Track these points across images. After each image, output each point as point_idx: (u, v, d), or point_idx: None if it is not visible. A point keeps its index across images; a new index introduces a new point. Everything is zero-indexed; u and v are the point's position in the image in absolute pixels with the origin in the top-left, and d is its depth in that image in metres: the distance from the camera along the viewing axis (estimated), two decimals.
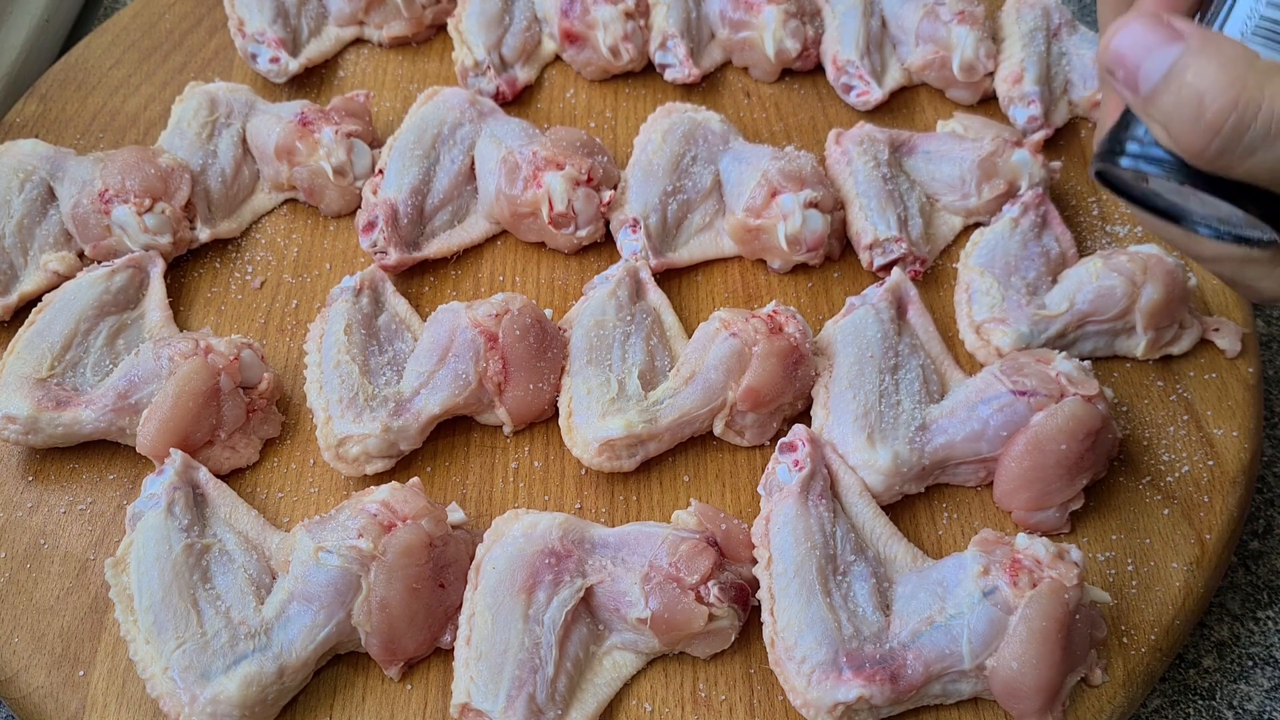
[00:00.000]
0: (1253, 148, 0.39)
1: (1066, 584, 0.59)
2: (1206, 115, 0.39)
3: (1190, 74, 0.40)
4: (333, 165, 0.82)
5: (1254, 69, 0.39)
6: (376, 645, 0.61)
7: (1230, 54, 0.39)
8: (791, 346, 0.70)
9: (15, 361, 0.71)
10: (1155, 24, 0.41)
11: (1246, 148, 0.39)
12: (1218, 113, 0.39)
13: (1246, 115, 0.38)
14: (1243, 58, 0.39)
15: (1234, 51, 0.40)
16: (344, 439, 0.68)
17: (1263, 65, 0.39)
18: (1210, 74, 0.39)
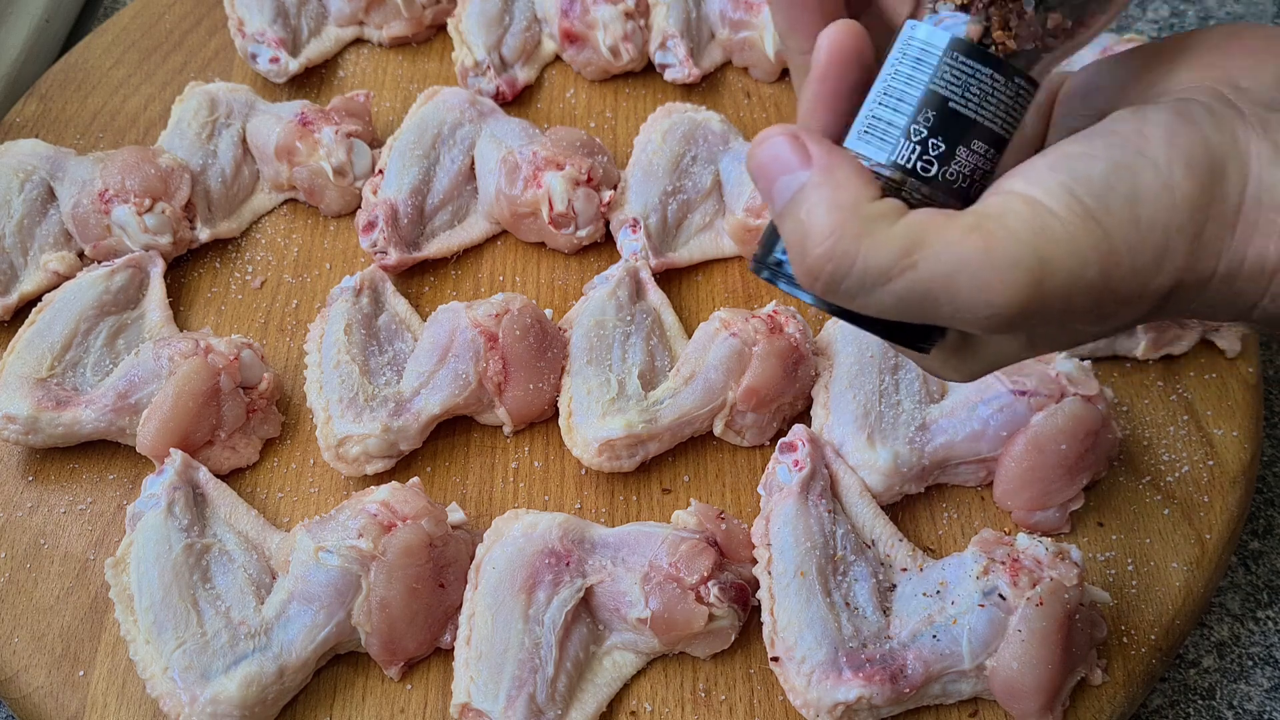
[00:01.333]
0: (851, 295, 0.38)
1: (1066, 584, 0.59)
2: (807, 260, 0.39)
3: (803, 210, 0.39)
4: (333, 165, 0.82)
5: (858, 217, 0.38)
6: (376, 645, 0.61)
7: (841, 197, 0.38)
8: (791, 346, 0.70)
9: (15, 361, 0.71)
10: (792, 143, 0.40)
11: (846, 294, 0.39)
12: (815, 259, 0.38)
13: (842, 267, 0.38)
14: (850, 204, 0.38)
15: (845, 195, 0.38)
16: (344, 439, 0.68)
17: (869, 213, 0.38)
18: (818, 216, 0.38)
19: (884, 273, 0.37)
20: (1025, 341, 0.44)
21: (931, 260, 0.37)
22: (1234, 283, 0.39)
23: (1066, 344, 0.45)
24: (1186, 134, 0.38)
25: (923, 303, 0.38)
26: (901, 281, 0.37)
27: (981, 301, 0.37)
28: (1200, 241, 0.38)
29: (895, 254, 0.37)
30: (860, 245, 0.37)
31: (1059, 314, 0.38)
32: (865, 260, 0.37)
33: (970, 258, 0.37)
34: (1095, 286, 0.37)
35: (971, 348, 0.45)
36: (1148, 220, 0.37)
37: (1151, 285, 0.38)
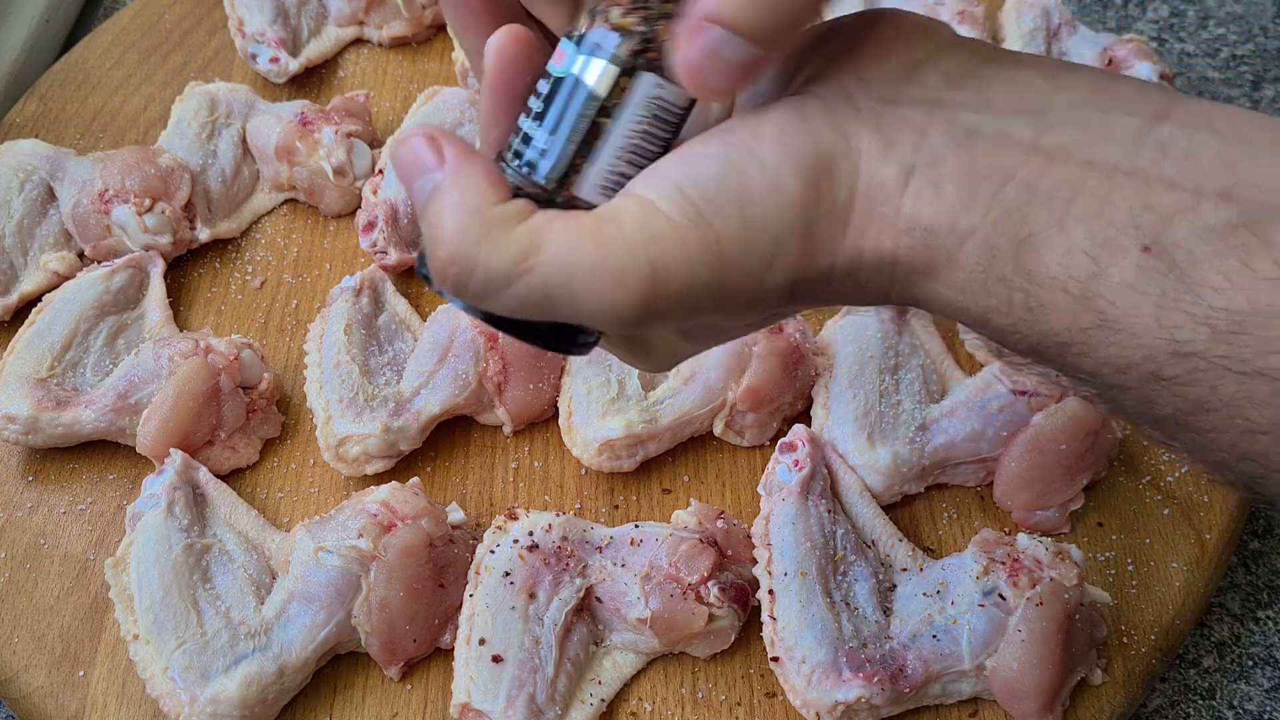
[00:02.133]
0: (479, 298, 0.38)
1: (1066, 584, 0.59)
2: (435, 262, 0.38)
3: (433, 212, 0.38)
4: (333, 165, 0.82)
5: (480, 220, 0.37)
6: (376, 645, 0.61)
7: (468, 199, 0.38)
8: (791, 346, 0.70)
9: (15, 361, 0.71)
10: (428, 143, 0.39)
11: (474, 296, 0.38)
12: (440, 262, 0.38)
13: (465, 270, 0.37)
14: (474, 207, 0.37)
15: (471, 198, 0.38)
16: (344, 439, 0.68)
17: (491, 216, 0.37)
18: (444, 219, 0.38)
19: (504, 276, 0.37)
20: (680, 336, 0.44)
21: (546, 265, 0.37)
22: (858, 275, 0.39)
23: (722, 338, 0.46)
24: (797, 132, 0.38)
25: (545, 306, 0.38)
26: (520, 285, 0.37)
27: (599, 305, 0.37)
28: (813, 239, 0.38)
29: (512, 258, 0.37)
30: (480, 249, 0.37)
31: (684, 313, 0.38)
32: (485, 264, 0.37)
33: (583, 263, 0.37)
34: (711, 288, 0.38)
35: (639, 343, 0.45)
36: (757, 221, 0.37)
37: (769, 284, 0.38)
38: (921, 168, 0.37)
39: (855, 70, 0.39)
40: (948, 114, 0.37)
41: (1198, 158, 0.35)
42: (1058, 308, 0.36)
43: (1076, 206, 0.35)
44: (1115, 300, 0.34)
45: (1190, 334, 0.34)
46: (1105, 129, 0.36)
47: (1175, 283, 0.34)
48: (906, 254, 0.38)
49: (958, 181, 0.37)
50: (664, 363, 0.47)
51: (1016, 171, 0.36)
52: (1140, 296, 0.34)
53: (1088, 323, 0.35)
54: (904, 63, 0.39)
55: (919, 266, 0.38)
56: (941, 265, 0.37)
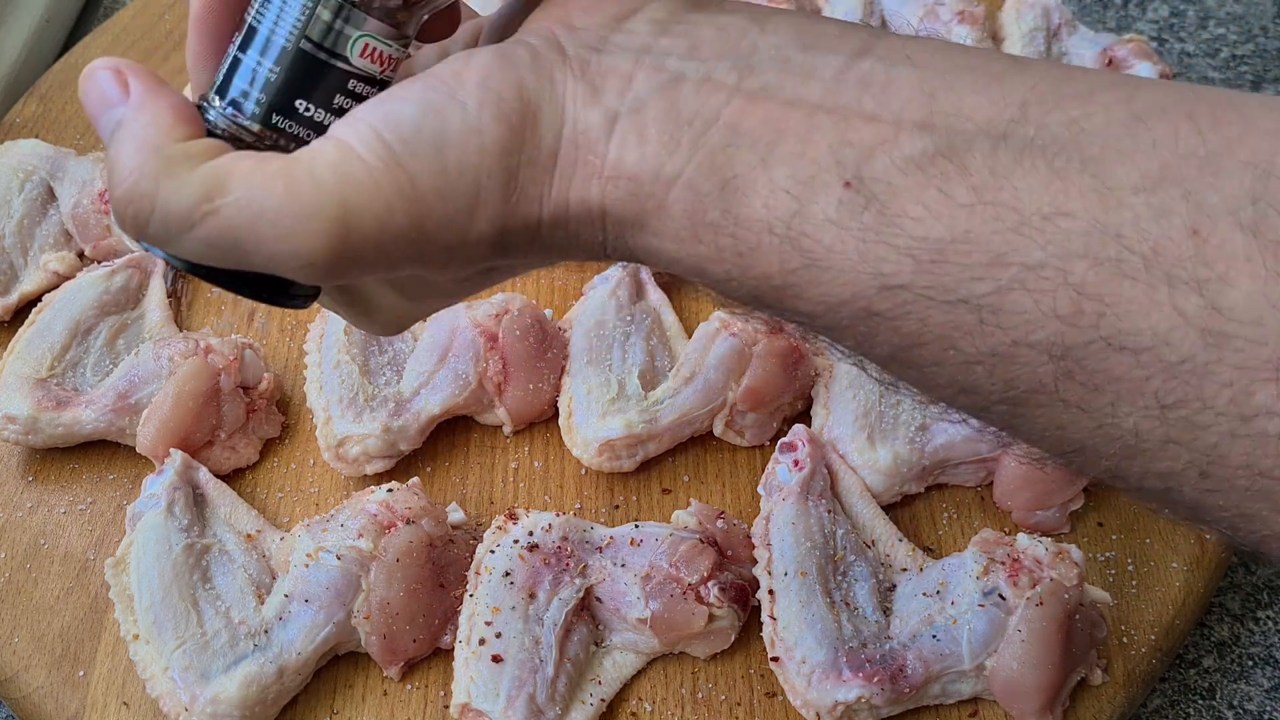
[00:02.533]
0: (161, 240, 0.36)
1: (1066, 584, 0.59)
2: (113, 200, 0.37)
3: (113, 147, 0.36)
4: None
5: (160, 156, 0.36)
6: (376, 645, 0.61)
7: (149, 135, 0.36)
8: (791, 346, 0.70)
9: (15, 361, 0.71)
10: (114, 76, 0.37)
11: (155, 238, 0.37)
12: (117, 199, 0.36)
13: (143, 209, 0.35)
14: (155, 143, 0.36)
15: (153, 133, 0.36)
16: (344, 439, 0.68)
17: (172, 152, 0.36)
18: (124, 154, 0.36)
19: (185, 217, 0.35)
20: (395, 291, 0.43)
21: (232, 206, 0.35)
22: (567, 227, 0.38)
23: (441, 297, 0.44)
24: (501, 76, 0.37)
25: (233, 251, 0.36)
26: (204, 228, 0.35)
27: (288, 250, 0.35)
28: (516, 188, 0.37)
29: (195, 198, 0.35)
30: (159, 186, 0.35)
31: (382, 262, 0.37)
32: (164, 203, 0.35)
33: (271, 204, 0.35)
34: (408, 235, 0.36)
35: (358, 300, 0.43)
36: (455, 165, 0.36)
37: (472, 233, 0.37)
38: (626, 114, 0.37)
39: (566, 19, 0.38)
40: (654, 60, 0.37)
41: (897, 90, 0.35)
42: (766, 250, 0.35)
43: (779, 147, 0.35)
44: (820, 238, 0.34)
45: (895, 267, 0.34)
46: (808, 68, 0.36)
47: (876, 216, 0.34)
48: (614, 204, 0.37)
49: (661, 126, 0.36)
50: (390, 324, 0.45)
51: (720, 114, 0.36)
52: (843, 232, 0.34)
53: (796, 263, 0.35)
54: (615, 13, 0.38)
55: (628, 217, 0.37)
56: (650, 214, 0.37)
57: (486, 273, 0.43)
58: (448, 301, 0.46)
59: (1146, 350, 0.32)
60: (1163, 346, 0.32)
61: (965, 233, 0.33)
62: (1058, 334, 0.33)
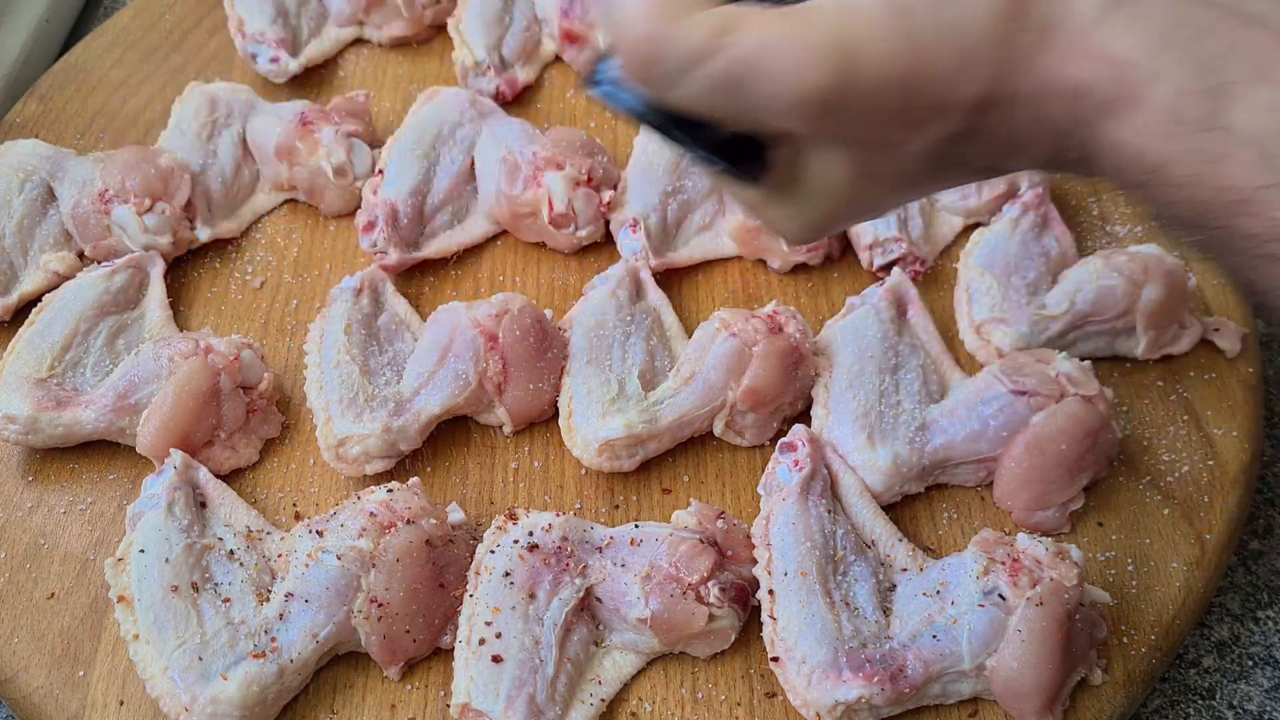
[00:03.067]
0: (668, 81, 0.39)
1: (1066, 584, 0.59)
2: (625, 44, 0.40)
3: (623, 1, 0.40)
4: (333, 165, 0.82)
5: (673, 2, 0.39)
6: (376, 645, 0.61)
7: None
8: (791, 346, 0.70)
9: (15, 361, 0.71)
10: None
11: (663, 79, 0.39)
12: (633, 42, 0.39)
13: (659, 48, 0.39)
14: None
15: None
16: (344, 439, 0.68)
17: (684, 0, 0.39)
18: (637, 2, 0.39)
19: (698, 53, 0.38)
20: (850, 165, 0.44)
21: (742, 42, 0.38)
22: (1044, 104, 0.39)
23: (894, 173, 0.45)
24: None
25: (733, 88, 0.38)
26: (713, 63, 0.38)
27: (789, 83, 0.38)
28: (1007, 53, 0.39)
29: (708, 34, 0.38)
30: (675, 27, 0.38)
31: (870, 106, 0.39)
32: (680, 41, 0.38)
33: (778, 39, 0.37)
34: (901, 83, 0.38)
35: (799, 181, 0.45)
36: (954, 22, 0.38)
37: (959, 92, 0.39)
38: (1125, 3, 0.38)
39: None
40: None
41: None
42: (1238, 162, 0.36)
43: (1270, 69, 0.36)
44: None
45: None
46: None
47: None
48: (1094, 85, 0.38)
49: (1157, 23, 0.38)
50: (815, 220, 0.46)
51: (1215, 28, 0.37)
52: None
53: (1267, 181, 0.36)
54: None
55: (1105, 101, 0.38)
56: (1127, 103, 0.38)
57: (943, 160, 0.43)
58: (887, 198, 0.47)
59: None
60: None
61: None
62: None
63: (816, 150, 0.43)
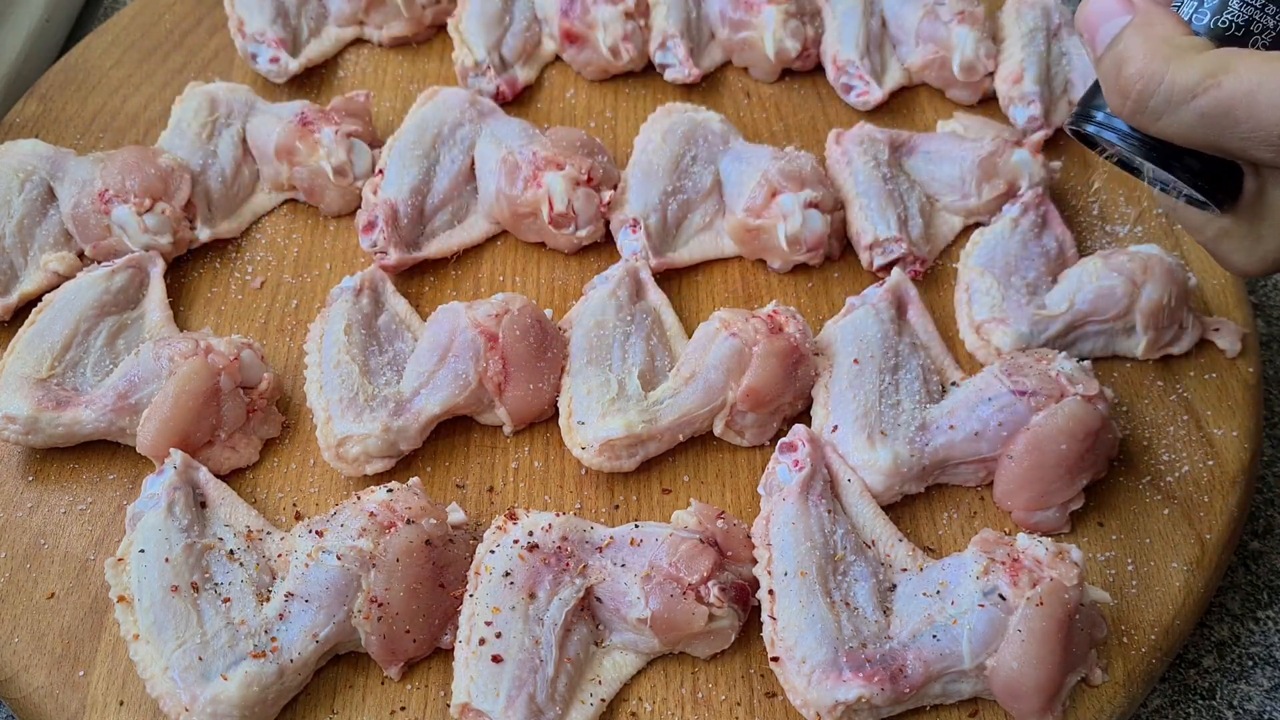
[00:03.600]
0: (1158, 113, 0.44)
1: (1067, 584, 0.59)
2: (1120, 79, 0.45)
3: (1121, 44, 0.45)
4: (333, 165, 0.82)
5: (1169, 44, 0.44)
6: (376, 645, 0.61)
7: (1158, 30, 0.45)
8: (791, 346, 0.70)
9: (15, 361, 0.71)
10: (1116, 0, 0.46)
11: (1153, 112, 0.45)
12: (1128, 79, 0.44)
13: (1151, 84, 0.44)
14: (1164, 35, 0.44)
15: (1163, 29, 0.45)
16: (344, 439, 0.68)
17: (1179, 43, 0.44)
18: (1135, 44, 0.45)
19: (1189, 89, 0.43)
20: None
21: (1234, 80, 0.42)
22: None
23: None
24: None
25: (1222, 122, 0.43)
26: (1205, 98, 0.43)
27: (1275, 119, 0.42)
28: None
29: (1200, 73, 0.43)
30: (1169, 65, 0.43)
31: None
32: (1173, 77, 0.43)
33: (1268, 79, 0.42)
34: None
35: (1264, 211, 0.49)
36: None
37: None
38: None
39: None
40: None
41: None
42: None
43: None
44: None
45: None
46: None
47: None
48: None
49: None
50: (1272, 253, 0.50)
51: None
52: None
53: None
54: None
55: None
56: None
57: None
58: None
59: None
60: None
61: None
62: None
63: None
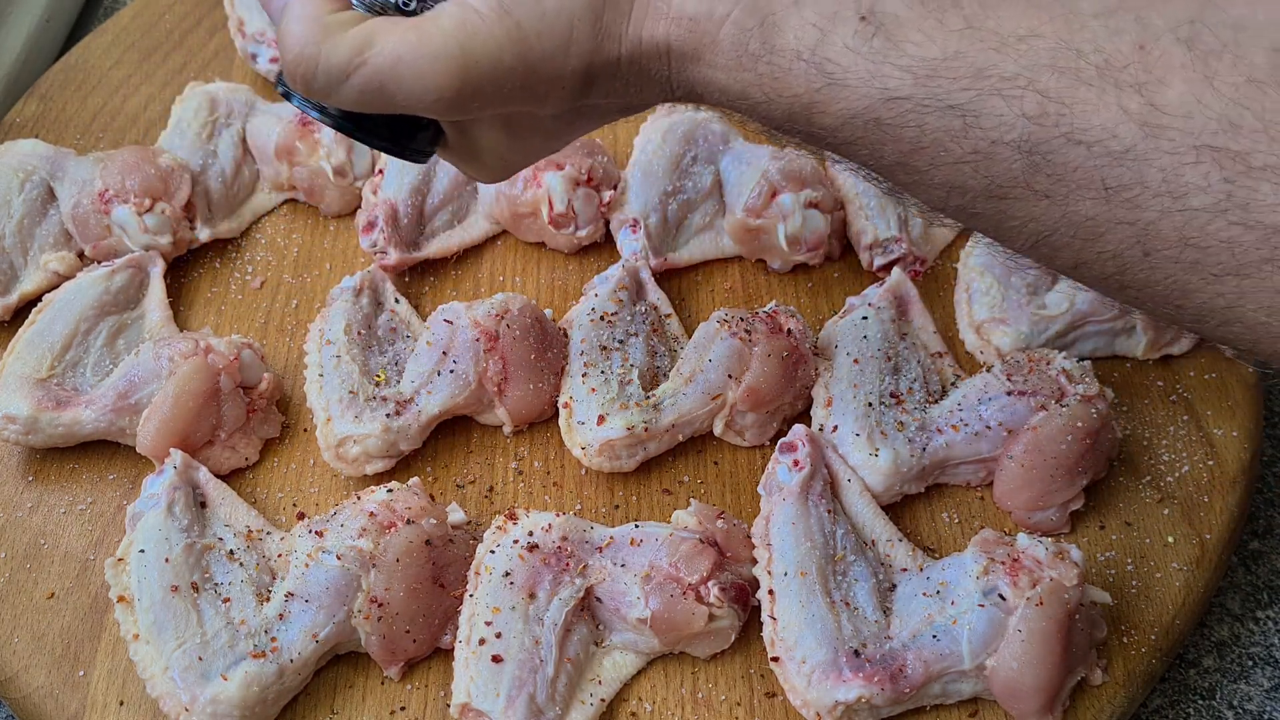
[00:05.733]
0: (325, 92, 0.47)
1: (1066, 584, 0.59)
2: (286, 64, 0.47)
3: (283, 24, 0.47)
4: (333, 165, 0.82)
5: (318, 22, 0.46)
6: (376, 645, 0.61)
7: (310, 9, 0.46)
8: (791, 346, 0.70)
9: (15, 361, 0.71)
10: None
11: (321, 91, 0.47)
12: (289, 63, 0.46)
13: (310, 66, 0.46)
14: (314, 13, 0.46)
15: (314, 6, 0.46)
16: (344, 439, 0.68)
17: (329, 21, 0.46)
18: (291, 25, 0.46)
19: (342, 69, 0.45)
20: (504, 131, 0.52)
21: (377, 56, 0.45)
22: (640, 62, 0.48)
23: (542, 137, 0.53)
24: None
25: (380, 94, 0.46)
26: (358, 76, 0.45)
27: (422, 88, 0.45)
28: (600, 27, 0.47)
29: (349, 52, 0.45)
30: (320, 48, 0.45)
31: (497, 94, 0.47)
32: (326, 59, 0.45)
33: (407, 52, 0.45)
34: (516, 70, 0.46)
35: (471, 147, 0.53)
36: (552, 11, 0.46)
37: (567, 67, 0.47)
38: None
39: None
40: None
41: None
42: (796, 74, 0.44)
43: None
44: (839, 62, 0.43)
45: (898, 82, 0.42)
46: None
47: (884, 41, 0.43)
48: (677, 41, 0.47)
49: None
50: (498, 169, 0.55)
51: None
52: (857, 56, 0.43)
53: (820, 84, 0.44)
54: None
55: (688, 51, 0.47)
56: (705, 48, 0.46)
57: (578, 112, 0.52)
58: (542, 146, 0.55)
59: (1097, 143, 0.40)
60: (1110, 139, 0.40)
61: (956, 53, 0.41)
62: (1027, 132, 0.41)
63: (475, 125, 0.52)
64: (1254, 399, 0.74)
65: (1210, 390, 0.75)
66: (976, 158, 0.42)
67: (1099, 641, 0.62)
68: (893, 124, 0.43)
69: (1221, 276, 0.40)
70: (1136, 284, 0.43)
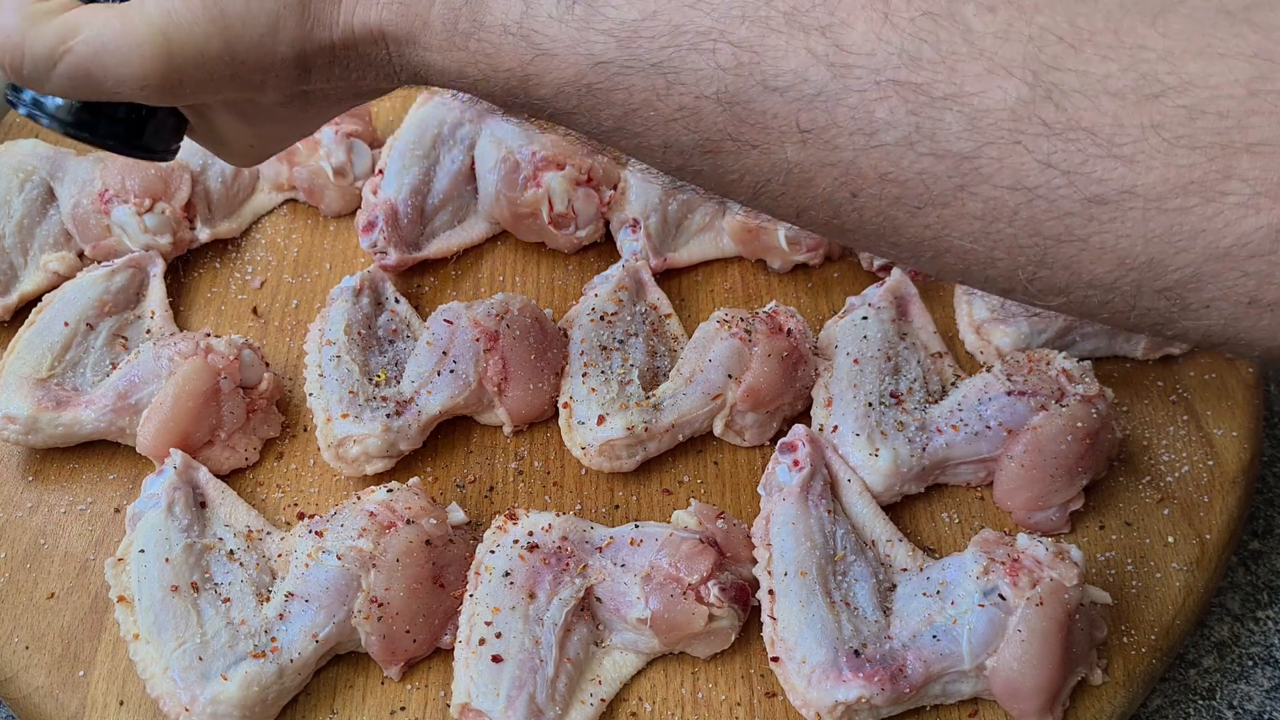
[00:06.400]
0: (35, 81, 0.46)
1: (1067, 584, 0.59)
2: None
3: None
4: (333, 165, 0.82)
5: (22, 14, 0.46)
6: (376, 645, 0.61)
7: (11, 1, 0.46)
8: (791, 346, 0.70)
9: (15, 361, 0.71)
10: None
11: (31, 81, 0.46)
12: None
13: (15, 56, 0.45)
14: (16, 6, 0.46)
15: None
16: (344, 439, 0.68)
17: (35, 9, 0.46)
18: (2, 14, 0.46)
19: (47, 57, 0.45)
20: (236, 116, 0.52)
21: (82, 44, 0.45)
22: (357, 48, 0.47)
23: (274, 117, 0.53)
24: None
25: (88, 81, 0.46)
26: (63, 64, 0.45)
27: (128, 74, 0.45)
28: (309, 13, 0.46)
29: (53, 40, 0.45)
30: (25, 37, 0.45)
31: (205, 81, 0.46)
32: (31, 48, 0.45)
33: (111, 38, 0.45)
34: (224, 57, 0.46)
35: (212, 135, 0.53)
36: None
37: (277, 54, 0.46)
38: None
39: None
40: None
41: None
42: (506, 49, 0.45)
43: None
44: (545, 32, 0.44)
45: (602, 47, 0.43)
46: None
47: (585, 8, 0.43)
48: (390, 25, 0.46)
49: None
50: (246, 154, 0.55)
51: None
52: (562, 25, 0.43)
53: (529, 55, 0.44)
54: None
55: (401, 35, 0.47)
56: (418, 31, 0.46)
57: (304, 98, 0.51)
58: (286, 132, 0.55)
59: (790, 87, 0.41)
60: (802, 83, 0.41)
61: (653, 13, 0.42)
62: (725, 84, 0.42)
63: (211, 112, 0.51)
64: (1254, 399, 0.75)
65: (1210, 390, 0.75)
66: (684, 114, 0.43)
67: (1099, 641, 0.62)
68: (603, 89, 0.44)
69: (924, 208, 0.41)
70: (852, 225, 0.43)
